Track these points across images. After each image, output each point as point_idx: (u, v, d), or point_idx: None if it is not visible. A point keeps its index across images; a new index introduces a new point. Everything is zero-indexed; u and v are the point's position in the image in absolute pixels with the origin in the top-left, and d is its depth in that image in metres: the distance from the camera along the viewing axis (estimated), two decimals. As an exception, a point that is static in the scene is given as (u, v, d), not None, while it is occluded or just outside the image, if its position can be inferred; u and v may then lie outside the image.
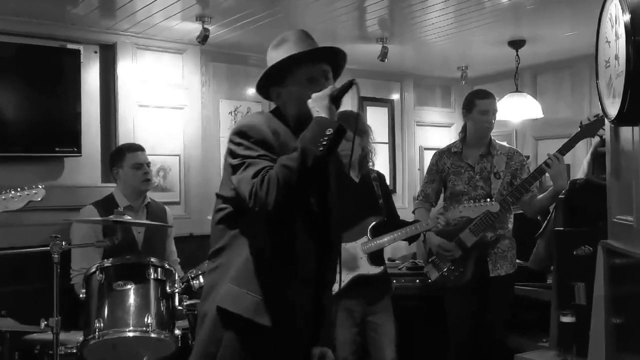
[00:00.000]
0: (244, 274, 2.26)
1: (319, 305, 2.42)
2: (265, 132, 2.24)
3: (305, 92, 2.28)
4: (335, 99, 2.23)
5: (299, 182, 2.08)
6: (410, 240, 4.09)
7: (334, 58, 2.40)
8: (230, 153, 2.28)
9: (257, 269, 2.26)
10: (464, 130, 4.45)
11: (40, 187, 3.28)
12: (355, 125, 2.52)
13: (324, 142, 2.09)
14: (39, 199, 3.28)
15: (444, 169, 4.41)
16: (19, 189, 3.25)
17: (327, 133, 2.10)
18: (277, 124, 2.33)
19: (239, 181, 2.19)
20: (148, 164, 4.36)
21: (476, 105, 4.31)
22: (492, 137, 4.41)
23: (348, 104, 2.64)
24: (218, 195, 2.41)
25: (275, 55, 2.36)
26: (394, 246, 5.16)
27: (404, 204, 6.56)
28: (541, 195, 4.19)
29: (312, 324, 2.41)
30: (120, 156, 4.31)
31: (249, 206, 2.12)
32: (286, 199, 2.08)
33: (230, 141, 2.28)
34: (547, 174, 4.07)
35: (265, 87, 2.42)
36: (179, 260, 4.47)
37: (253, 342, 2.26)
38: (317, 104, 2.20)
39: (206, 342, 2.31)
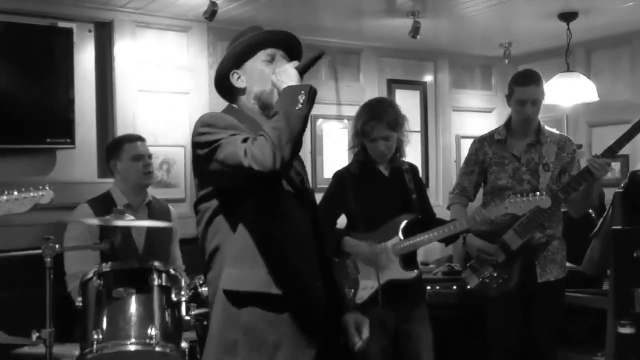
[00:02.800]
0: (243, 257, 2.44)
1: (325, 265, 2.70)
2: (229, 119, 2.49)
3: (267, 70, 2.58)
4: (302, 72, 2.46)
5: (289, 141, 2.26)
6: (448, 241, 4.04)
7: (289, 45, 2.67)
8: (199, 145, 2.42)
9: (256, 248, 2.44)
10: (510, 116, 4.42)
11: (47, 188, 3.31)
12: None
13: (301, 102, 2.30)
14: (47, 202, 3.32)
15: (485, 159, 4.38)
16: (23, 189, 3.26)
17: (302, 95, 2.31)
18: (239, 116, 2.57)
19: (226, 156, 2.32)
20: (149, 155, 4.36)
21: (514, 93, 4.25)
22: (542, 123, 4.34)
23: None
24: (197, 202, 2.56)
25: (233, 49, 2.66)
26: (427, 248, 5.16)
27: (438, 201, 6.55)
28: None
29: (325, 289, 2.63)
30: (118, 148, 4.31)
31: (244, 167, 2.24)
32: (281, 158, 2.23)
33: (196, 134, 2.44)
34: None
35: (223, 79, 2.71)
36: (184, 267, 4.46)
37: (274, 320, 2.43)
38: (283, 77, 2.43)
39: (223, 331, 2.44)
